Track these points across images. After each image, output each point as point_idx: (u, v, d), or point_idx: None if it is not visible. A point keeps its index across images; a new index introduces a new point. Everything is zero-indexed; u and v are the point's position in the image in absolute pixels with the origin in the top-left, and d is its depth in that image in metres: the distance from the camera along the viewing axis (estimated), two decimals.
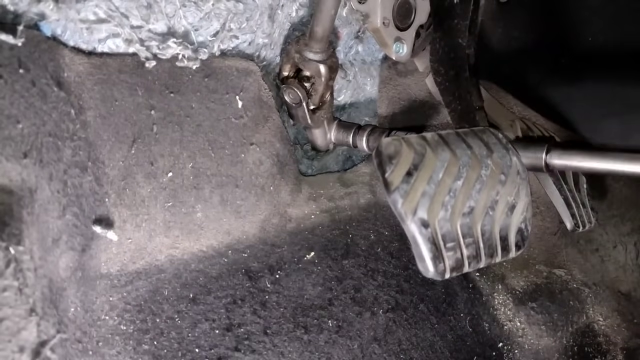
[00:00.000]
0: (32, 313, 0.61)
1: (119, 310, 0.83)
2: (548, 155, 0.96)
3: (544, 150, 0.96)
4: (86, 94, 0.80)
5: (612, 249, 1.32)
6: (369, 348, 1.00)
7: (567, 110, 1.08)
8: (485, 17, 1.14)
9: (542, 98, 1.11)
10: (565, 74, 1.06)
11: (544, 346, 1.23)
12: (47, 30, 0.76)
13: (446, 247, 0.75)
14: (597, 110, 1.02)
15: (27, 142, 0.67)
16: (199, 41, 0.92)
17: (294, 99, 1.07)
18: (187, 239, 0.95)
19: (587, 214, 1.14)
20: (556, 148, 0.96)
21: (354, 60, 1.27)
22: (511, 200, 0.84)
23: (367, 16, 1.14)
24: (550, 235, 1.41)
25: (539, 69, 1.12)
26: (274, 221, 1.08)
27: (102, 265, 0.84)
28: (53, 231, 0.71)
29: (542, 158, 0.96)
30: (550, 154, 0.96)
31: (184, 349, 0.83)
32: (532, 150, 0.97)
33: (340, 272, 1.08)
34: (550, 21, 1.07)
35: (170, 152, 0.91)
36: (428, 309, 1.13)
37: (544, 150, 0.96)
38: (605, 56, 0.99)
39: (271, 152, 1.07)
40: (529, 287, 1.31)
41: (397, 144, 0.79)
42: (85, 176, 0.80)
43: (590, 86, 1.02)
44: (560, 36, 1.06)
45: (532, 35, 1.12)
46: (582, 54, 1.03)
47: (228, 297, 0.93)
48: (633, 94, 0.96)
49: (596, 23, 0.99)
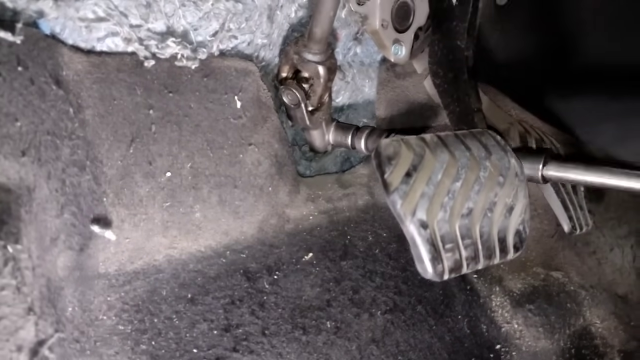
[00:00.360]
0: (30, 312, 0.61)
1: (117, 310, 0.82)
2: (545, 167, 0.95)
3: (541, 162, 0.95)
4: (85, 93, 0.80)
5: (609, 252, 1.32)
6: (367, 349, 1.00)
7: (565, 113, 1.08)
8: (484, 19, 1.14)
9: (540, 101, 1.12)
10: (563, 78, 1.07)
11: (541, 348, 1.23)
12: (46, 28, 0.75)
13: (445, 248, 0.76)
14: (594, 114, 1.03)
15: (25, 140, 0.67)
16: (198, 41, 0.91)
17: (292, 100, 1.07)
18: (185, 239, 0.95)
19: (584, 217, 1.15)
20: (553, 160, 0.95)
21: (352, 61, 1.28)
22: (509, 202, 0.84)
23: (365, 18, 1.14)
24: (548, 237, 1.41)
25: (536, 72, 1.12)
26: (272, 222, 1.08)
27: (100, 264, 0.84)
28: (51, 230, 0.71)
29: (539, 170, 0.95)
30: (547, 166, 0.95)
31: (182, 349, 0.83)
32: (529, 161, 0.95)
33: (339, 273, 1.07)
34: (548, 24, 1.08)
35: (169, 151, 0.91)
36: (426, 311, 1.13)
37: (540, 162, 0.95)
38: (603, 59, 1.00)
39: (270, 153, 1.07)
40: (527, 289, 1.32)
41: (396, 145, 0.79)
42: (84, 175, 0.79)
43: (588, 90, 1.03)
44: (558, 39, 1.06)
45: (530, 39, 1.13)
46: (579, 58, 1.03)
47: (226, 298, 0.92)
48: (630, 98, 0.96)
49: (594, 26, 0.99)
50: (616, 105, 0.99)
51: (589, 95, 1.03)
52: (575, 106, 1.06)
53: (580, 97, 1.05)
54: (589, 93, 1.03)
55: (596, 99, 1.02)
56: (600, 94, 1.01)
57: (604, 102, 1.01)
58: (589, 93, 1.03)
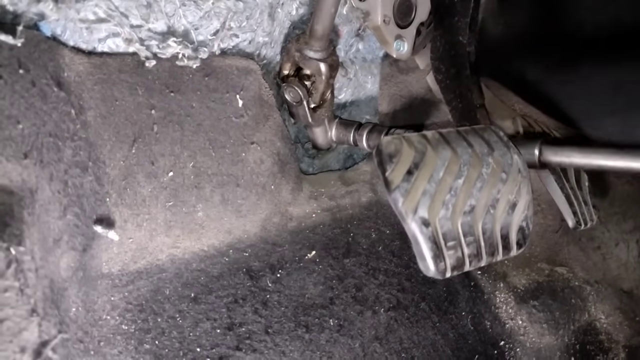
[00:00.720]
0: (33, 313, 0.61)
1: (121, 310, 0.83)
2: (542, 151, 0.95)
3: (537, 147, 0.95)
4: (86, 94, 0.80)
5: (614, 247, 1.32)
6: (370, 347, 1.00)
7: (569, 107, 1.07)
8: (486, 14, 1.13)
9: (543, 95, 1.11)
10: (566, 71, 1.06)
11: (545, 344, 1.22)
12: (47, 30, 0.76)
13: (447, 246, 0.75)
14: (598, 107, 1.02)
15: (27, 142, 0.67)
16: (199, 40, 0.91)
17: (294, 97, 1.07)
18: (188, 238, 0.95)
19: (588, 212, 1.14)
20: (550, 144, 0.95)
21: (354, 58, 1.27)
22: (512, 198, 0.84)
23: (367, 14, 1.14)
24: (552, 233, 1.41)
25: (540, 66, 1.11)
26: (275, 220, 1.08)
27: (104, 265, 0.84)
28: (54, 231, 0.71)
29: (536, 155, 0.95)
30: (544, 150, 0.95)
31: (186, 348, 0.83)
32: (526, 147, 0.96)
33: (342, 270, 1.08)
34: (551, 18, 1.07)
35: (171, 151, 0.91)
36: (429, 308, 1.13)
37: (536, 147, 0.95)
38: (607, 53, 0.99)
39: (272, 151, 1.07)
40: (531, 285, 1.31)
41: (397, 142, 0.78)
42: (86, 176, 0.80)
43: (591, 83, 1.02)
44: (561, 33, 1.05)
45: (533, 33, 1.12)
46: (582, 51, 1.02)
47: (229, 297, 0.93)
48: (634, 91, 0.95)
49: (597, 20, 0.98)
50: (620, 98, 0.98)
51: (592, 88, 1.02)
52: (579, 99, 1.05)
53: (584, 90, 1.04)
54: (593, 86, 1.02)
55: (600, 92, 1.01)
56: (604, 87, 1.00)
57: (608, 95, 1.00)
58: (593, 86, 1.02)
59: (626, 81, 0.96)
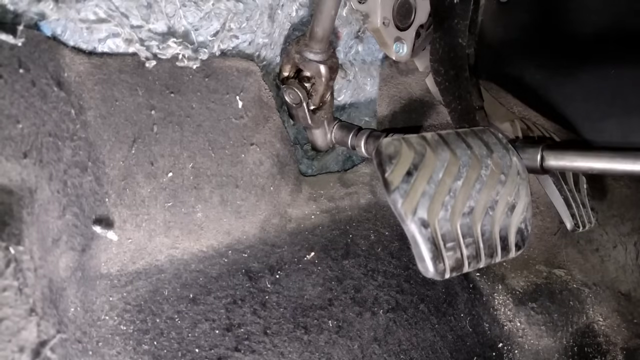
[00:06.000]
0: (32, 313, 0.61)
1: (119, 310, 0.83)
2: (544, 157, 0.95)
3: (539, 152, 0.95)
4: (86, 94, 0.80)
5: (612, 249, 1.32)
6: (369, 348, 1.00)
7: (567, 110, 1.08)
8: (485, 17, 1.14)
9: (542, 98, 1.11)
10: (565, 74, 1.06)
11: (544, 346, 1.23)
12: (47, 30, 0.76)
13: (446, 247, 0.76)
14: (596, 110, 1.03)
15: (27, 142, 0.67)
16: (199, 41, 0.92)
17: (294, 99, 1.07)
18: (187, 239, 0.95)
19: (587, 214, 1.14)
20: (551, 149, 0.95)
21: (354, 60, 1.28)
22: (511, 200, 0.84)
23: (367, 16, 1.14)
24: (550, 235, 1.41)
25: (538, 69, 1.12)
26: (274, 221, 1.08)
27: (102, 265, 0.84)
28: (53, 231, 0.71)
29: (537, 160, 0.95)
30: (546, 155, 0.95)
31: (184, 349, 0.83)
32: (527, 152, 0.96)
33: (341, 272, 1.08)
34: (550, 21, 1.07)
35: (171, 152, 0.91)
36: (428, 309, 1.13)
37: (538, 152, 0.95)
38: (605, 56, 0.99)
39: (271, 153, 1.07)
40: (529, 287, 1.31)
41: (397, 143, 0.79)
42: (86, 176, 0.79)
43: (590, 86, 1.02)
44: (560, 37, 1.06)
45: (532, 35, 1.12)
46: (582, 54, 1.03)
47: (228, 297, 0.93)
48: (632, 94, 0.96)
49: (596, 23, 0.99)
50: (618, 101, 0.98)
51: (591, 92, 1.03)
52: (578, 102, 1.06)
53: (582, 94, 1.04)
54: (591, 89, 1.02)
55: (598, 95, 1.02)
56: (603, 90, 1.00)
57: (606, 98, 1.00)
58: (591, 89, 1.02)
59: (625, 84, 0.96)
